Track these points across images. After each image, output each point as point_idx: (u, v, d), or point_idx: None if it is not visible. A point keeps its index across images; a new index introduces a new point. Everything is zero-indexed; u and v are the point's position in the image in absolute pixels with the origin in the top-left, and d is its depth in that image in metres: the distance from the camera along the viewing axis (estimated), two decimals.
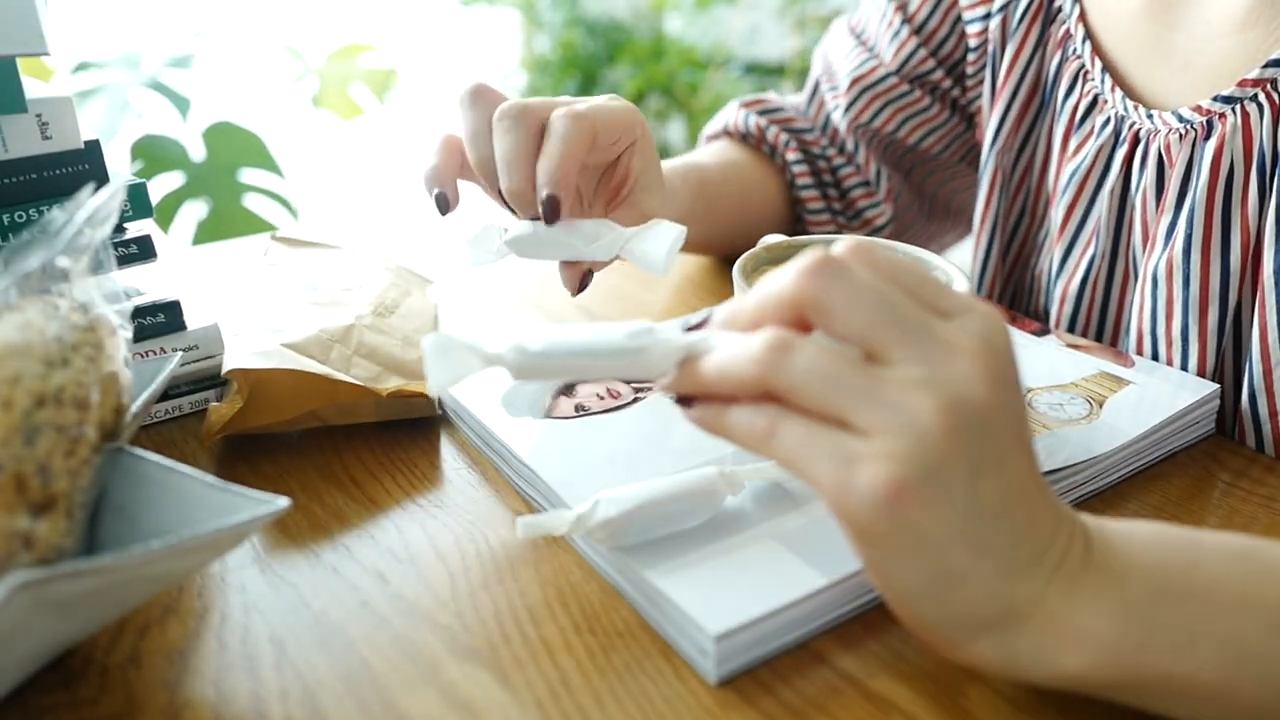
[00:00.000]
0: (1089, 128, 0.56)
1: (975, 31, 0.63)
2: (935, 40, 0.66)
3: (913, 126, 0.69)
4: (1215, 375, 0.51)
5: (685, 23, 2.55)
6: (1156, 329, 0.52)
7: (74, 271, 0.37)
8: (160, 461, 0.36)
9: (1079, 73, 0.57)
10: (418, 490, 0.45)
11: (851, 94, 0.69)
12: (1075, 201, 0.57)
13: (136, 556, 0.29)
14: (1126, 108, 0.54)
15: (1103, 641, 0.29)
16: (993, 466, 0.29)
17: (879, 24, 0.68)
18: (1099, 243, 0.56)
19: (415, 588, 0.38)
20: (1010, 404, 0.30)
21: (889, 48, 0.67)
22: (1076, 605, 0.29)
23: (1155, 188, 0.52)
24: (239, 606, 0.38)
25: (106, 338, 0.37)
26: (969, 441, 0.28)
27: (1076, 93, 0.57)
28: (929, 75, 0.67)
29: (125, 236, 0.50)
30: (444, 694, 0.33)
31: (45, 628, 0.30)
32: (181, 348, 0.51)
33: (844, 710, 0.32)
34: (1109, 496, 0.43)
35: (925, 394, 0.28)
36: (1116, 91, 0.54)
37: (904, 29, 0.66)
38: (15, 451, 0.30)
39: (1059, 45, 0.58)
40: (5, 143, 0.46)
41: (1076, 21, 0.57)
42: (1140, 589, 0.30)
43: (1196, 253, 0.50)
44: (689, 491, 0.38)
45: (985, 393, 0.29)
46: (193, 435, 0.50)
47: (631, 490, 0.38)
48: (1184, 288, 0.50)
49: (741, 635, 0.33)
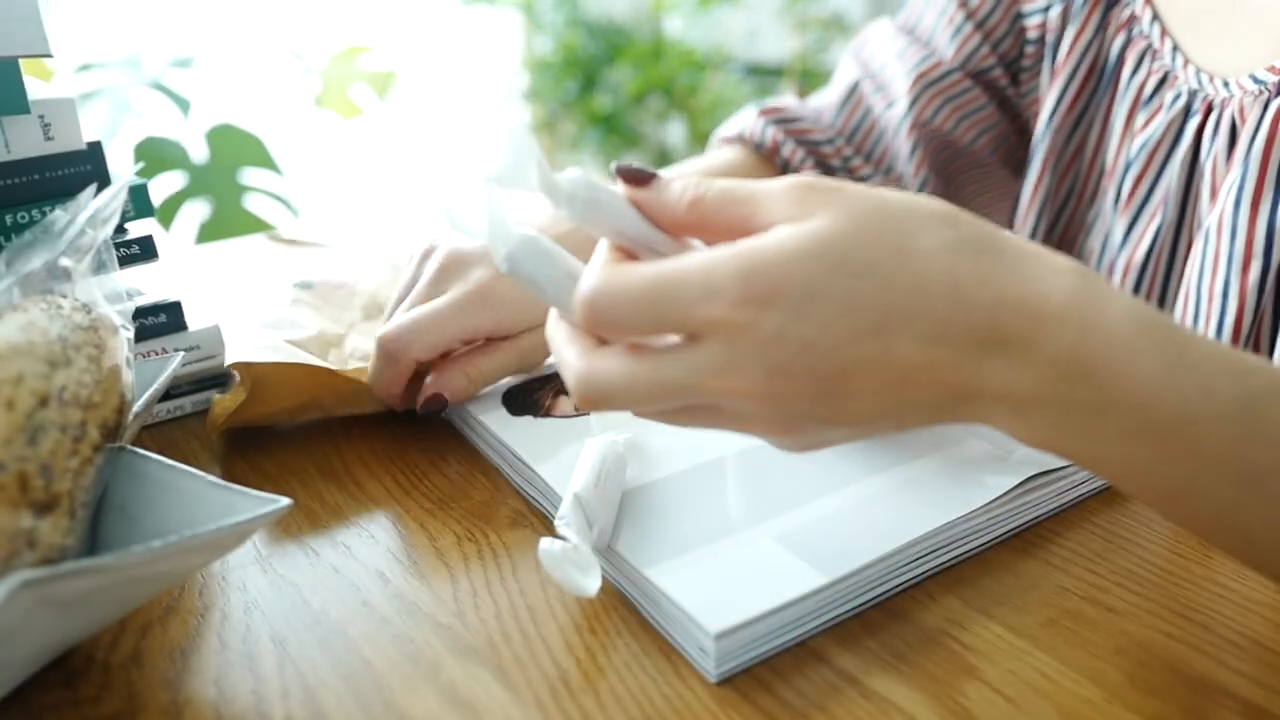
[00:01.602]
0: (1157, 104, 0.57)
1: (1035, 24, 0.64)
2: (995, 36, 0.66)
3: (968, 125, 0.69)
4: (1251, 338, 0.51)
5: (685, 24, 2.55)
6: (1201, 284, 0.52)
7: (76, 271, 0.38)
8: (162, 461, 0.36)
9: (1145, 52, 0.57)
10: (418, 490, 0.45)
11: (914, 91, 0.68)
12: (1144, 173, 0.57)
13: (138, 556, 0.29)
14: (1201, 81, 0.54)
15: (1053, 448, 0.31)
16: (841, 392, 0.30)
17: (937, 19, 0.68)
18: (1165, 212, 0.56)
19: (416, 587, 0.39)
20: (795, 316, 0.29)
21: (950, 43, 0.67)
22: (1029, 423, 0.31)
23: (1226, 151, 0.53)
24: (240, 606, 0.38)
25: (109, 337, 0.37)
26: (793, 382, 0.29)
27: (1143, 71, 0.57)
28: (989, 72, 0.67)
29: (127, 237, 0.50)
30: (444, 693, 0.33)
31: (47, 626, 0.30)
32: (183, 348, 0.52)
33: (843, 709, 0.32)
34: (1108, 496, 0.44)
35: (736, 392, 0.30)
36: (1189, 67, 0.55)
37: (967, 24, 0.66)
38: (18, 451, 0.31)
39: (1122, 27, 0.59)
40: (8, 143, 0.46)
41: (1143, 4, 0.58)
42: (1112, 428, 0.30)
43: (1246, 206, 0.50)
44: (607, 469, 0.40)
45: (765, 346, 0.29)
46: (194, 435, 0.50)
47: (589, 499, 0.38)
48: (1230, 241, 0.50)
49: (741, 633, 0.34)
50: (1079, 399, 0.30)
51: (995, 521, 0.40)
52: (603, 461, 0.40)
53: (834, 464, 0.43)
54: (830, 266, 0.29)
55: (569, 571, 0.35)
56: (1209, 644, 0.35)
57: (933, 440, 0.44)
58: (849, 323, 0.29)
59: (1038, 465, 0.42)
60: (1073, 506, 0.43)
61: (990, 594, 0.38)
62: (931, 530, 0.38)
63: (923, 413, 0.31)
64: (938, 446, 0.44)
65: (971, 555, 0.40)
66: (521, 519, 0.43)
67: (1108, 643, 0.35)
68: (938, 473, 0.42)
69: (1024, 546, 0.40)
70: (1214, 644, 0.35)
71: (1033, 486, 0.41)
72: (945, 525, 0.38)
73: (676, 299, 0.29)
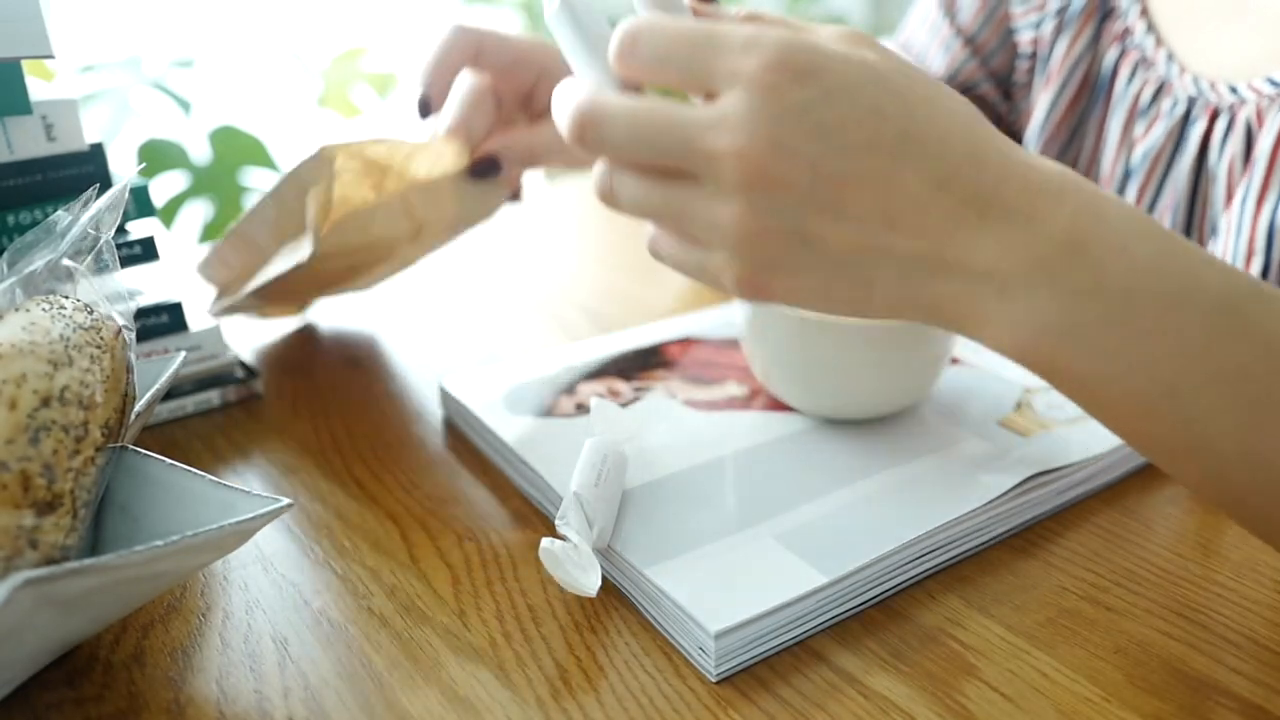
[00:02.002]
0: (1155, 112, 0.57)
1: (1027, 39, 0.64)
2: (985, 51, 0.66)
3: None
4: None
5: None
6: None
7: (78, 272, 0.38)
8: (164, 461, 0.36)
9: (1138, 63, 0.57)
10: (419, 489, 0.45)
11: None
12: (1147, 181, 0.57)
13: (140, 555, 0.29)
14: (1200, 88, 0.54)
15: (1026, 345, 0.30)
16: (832, 204, 0.29)
17: (929, 37, 0.68)
18: (1174, 218, 0.56)
19: (416, 586, 0.39)
20: (824, 99, 0.29)
21: (939, 57, 0.67)
22: (1010, 302, 0.30)
23: (1243, 154, 0.53)
24: (242, 605, 0.38)
25: (111, 338, 0.37)
26: (793, 165, 0.29)
27: (1138, 81, 0.58)
28: (977, 87, 0.67)
29: (129, 237, 0.50)
30: (445, 692, 0.34)
31: (49, 625, 0.30)
32: (185, 348, 0.52)
33: (843, 708, 0.33)
34: (1108, 496, 0.44)
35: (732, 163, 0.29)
36: (1186, 75, 0.55)
37: (955, 41, 0.66)
38: (20, 451, 0.31)
39: (1116, 39, 0.59)
40: (10, 144, 0.46)
41: (1138, 17, 0.58)
42: (1096, 314, 0.30)
43: (1251, 203, 0.50)
44: (607, 469, 0.40)
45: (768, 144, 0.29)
46: (196, 435, 0.50)
47: (588, 497, 0.38)
48: (1235, 237, 0.51)
49: (741, 633, 0.34)
50: (1069, 280, 0.29)
51: (995, 521, 0.40)
52: (603, 461, 0.40)
53: (834, 464, 0.43)
54: (870, 78, 0.29)
55: (569, 571, 0.35)
56: (1208, 643, 0.35)
57: (933, 440, 0.44)
58: (871, 129, 0.29)
59: (1038, 465, 0.42)
60: (1073, 506, 0.43)
61: (990, 593, 0.38)
62: (931, 530, 0.38)
63: (896, 276, 0.30)
64: (938, 446, 0.44)
65: (971, 555, 0.40)
66: (521, 519, 0.43)
67: (1107, 642, 0.35)
68: (938, 473, 0.42)
69: (1024, 546, 0.40)
70: (1213, 643, 0.35)
71: (1032, 486, 0.41)
72: (945, 525, 0.38)
73: (715, 43, 0.30)
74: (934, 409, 0.47)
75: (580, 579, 0.35)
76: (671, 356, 0.53)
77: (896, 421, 0.46)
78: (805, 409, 0.46)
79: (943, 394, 0.48)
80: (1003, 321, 0.30)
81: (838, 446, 0.44)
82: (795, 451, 0.44)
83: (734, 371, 0.51)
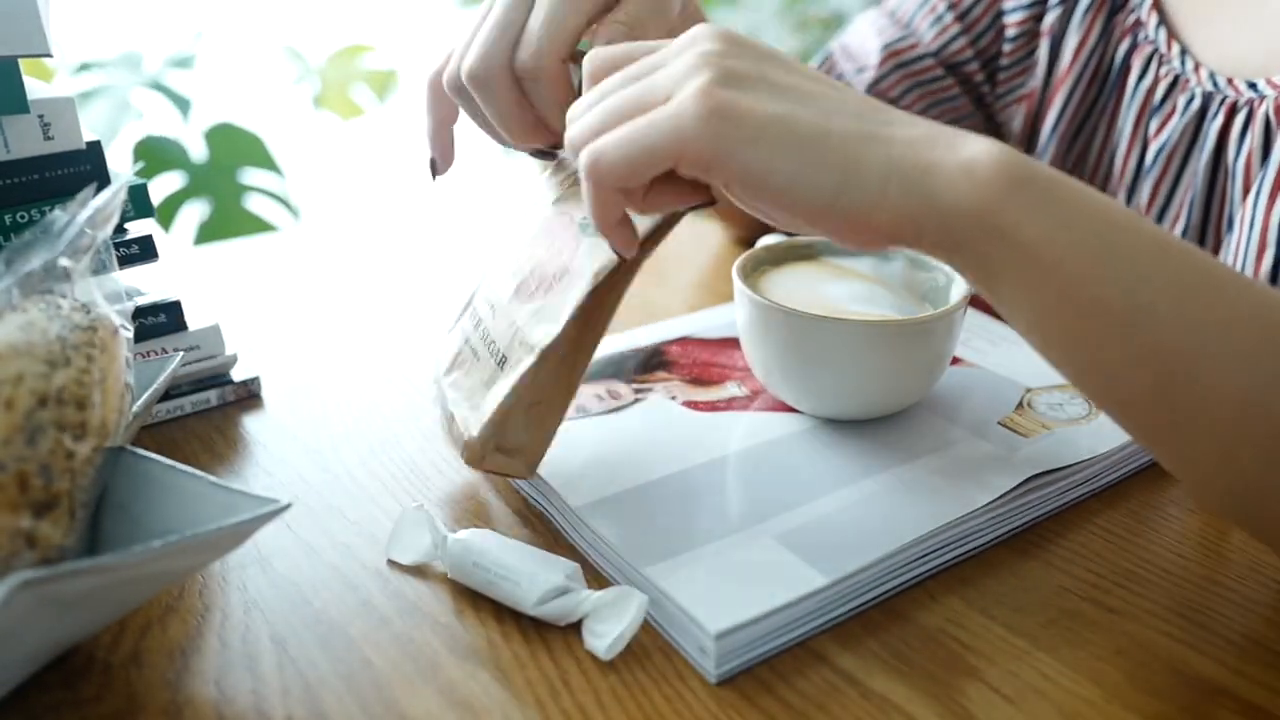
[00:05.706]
0: (1170, 108, 0.57)
1: (1016, 20, 0.63)
2: (976, 30, 0.66)
3: (938, 113, 0.68)
4: None
5: None
6: None
7: (76, 271, 0.38)
8: (162, 461, 0.36)
9: (1151, 57, 0.57)
10: (419, 489, 0.45)
11: (884, 68, 0.67)
12: (1163, 177, 0.57)
13: (138, 555, 0.29)
14: (1217, 83, 0.54)
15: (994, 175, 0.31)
16: (779, 62, 0.34)
17: (919, 6, 0.68)
18: (1190, 215, 0.56)
19: (415, 586, 0.39)
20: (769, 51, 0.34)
21: (930, 29, 0.67)
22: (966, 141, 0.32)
23: (1262, 150, 0.52)
24: (240, 605, 0.38)
25: (108, 337, 0.37)
26: (742, 49, 0.33)
27: (1150, 76, 0.57)
28: (965, 65, 0.67)
29: (126, 237, 0.50)
30: (444, 693, 0.33)
31: (47, 626, 0.30)
32: (182, 348, 0.52)
33: (843, 709, 0.32)
34: (1110, 497, 0.44)
35: (690, 57, 0.33)
36: (1201, 70, 0.55)
37: (948, 14, 0.66)
38: (17, 451, 0.31)
39: (1127, 33, 0.59)
40: (7, 143, 0.46)
41: (1149, 10, 0.57)
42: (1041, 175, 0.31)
43: (1265, 197, 0.50)
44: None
45: (725, 40, 0.34)
46: (194, 435, 0.50)
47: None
48: (1249, 230, 0.51)
49: (741, 634, 0.34)
50: (1015, 167, 0.31)
51: (996, 521, 0.40)
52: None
53: (834, 464, 0.43)
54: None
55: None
56: (1209, 644, 0.35)
57: (933, 440, 0.44)
58: (809, 70, 0.35)
59: (1039, 465, 0.42)
60: (1073, 506, 0.43)
61: (991, 594, 0.38)
62: (932, 530, 0.38)
63: (852, 116, 0.32)
64: (938, 446, 0.44)
65: (972, 555, 0.40)
66: (521, 519, 0.43)
67: (1108, 643, 0.35)
68: (938, 473, 0.42)
69: (1024, 547, 0.40)
70: (1214, 644, 0.35)
71: (1033, 486, 0.41)
72: (945, 525, 0.38)
73: (664, 44, 0.35)
74: (934, 409, 0.47)
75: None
76: (671, 357, 0.53)
77: (896, 421, 0.46)
78: (805, 409, 0.46)
79: (943, 394, 0.48)
80: (955, 164, 0.31)
81: (838, 446, 0.44)
82: (795, 451, 0.44)
83: (734, 371, 0.51)
